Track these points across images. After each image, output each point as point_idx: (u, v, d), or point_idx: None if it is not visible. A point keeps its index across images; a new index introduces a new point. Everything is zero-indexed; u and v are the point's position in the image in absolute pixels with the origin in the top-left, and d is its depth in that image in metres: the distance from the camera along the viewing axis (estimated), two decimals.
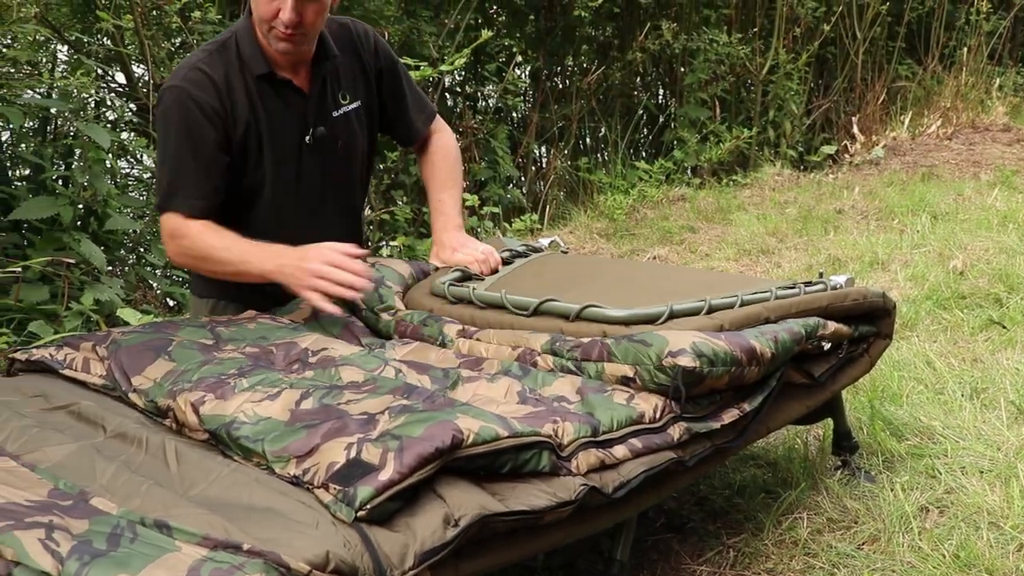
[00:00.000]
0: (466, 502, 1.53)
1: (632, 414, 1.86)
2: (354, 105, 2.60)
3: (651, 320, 2.10)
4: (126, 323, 3.49)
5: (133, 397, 1.94)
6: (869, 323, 2.45)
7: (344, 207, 2.70)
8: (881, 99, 8.22)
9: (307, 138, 2.52)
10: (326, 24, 2.47)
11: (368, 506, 1.46)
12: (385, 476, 1.49)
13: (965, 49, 8.51)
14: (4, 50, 4.19)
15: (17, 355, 2.22)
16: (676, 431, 1.89)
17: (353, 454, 1.55)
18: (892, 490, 2.45)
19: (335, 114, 2.56)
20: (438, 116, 2.85)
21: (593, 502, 1.73)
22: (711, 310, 2.14)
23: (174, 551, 1.36)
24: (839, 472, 2.57)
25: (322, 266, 2.25)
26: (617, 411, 1.85)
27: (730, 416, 2.01)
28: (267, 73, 2.45)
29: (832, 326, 2.27)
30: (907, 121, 7.94)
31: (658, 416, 1.89)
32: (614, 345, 1.98)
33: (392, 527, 1.48)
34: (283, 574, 1.33)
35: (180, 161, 2.43)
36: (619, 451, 1.80)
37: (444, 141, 2.83)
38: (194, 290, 2.77)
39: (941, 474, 2.52)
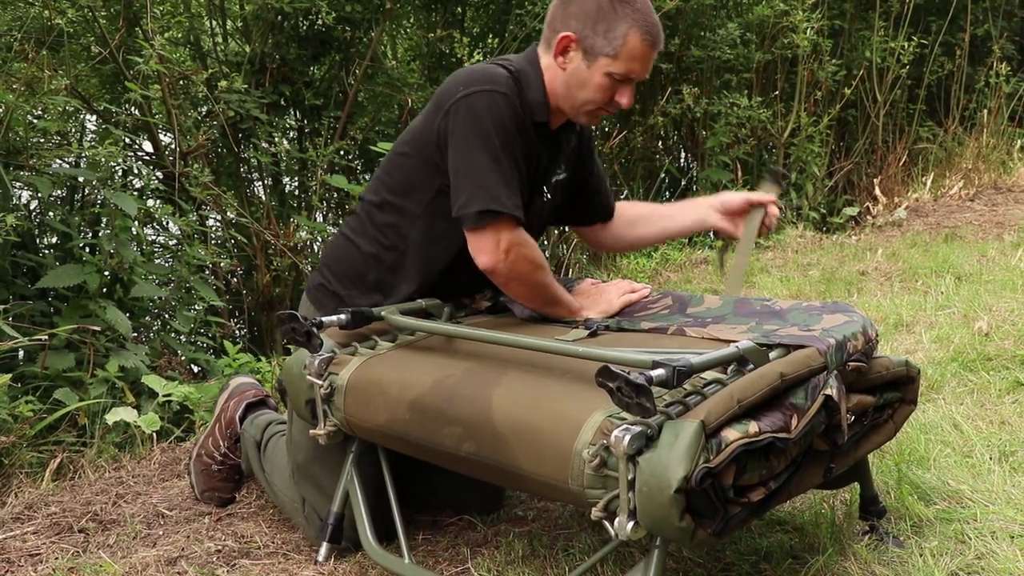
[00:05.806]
0: None
1: None
2: (564, 175, 2.72)
3: None
4: (151, 390, 3.51)
5: None
6: (893, 389, 2.43)
7: None
8: (902, 161, 8.23)
9: (549, 184, 2.65)
10: None
11: None
12: None
13: (985, 111, 8.53)
14: (35, 121, 4.27)
15: None
16: None
17: None
18: (921, 556, 2.41)
19: (554, 180, 2.68)
20: None
21: None
22: None
23: None
24: (867, 537, 2.54)
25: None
26: None
27: (757, 495, 1.99)
28: (545, 123, 2.50)
29: (854, 398, 2.25)
30: (929, 182, 7.94)
31: None
32: None
33: None
34: None
35: (502, 163, 2.31)
36: None
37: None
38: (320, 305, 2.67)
39: (971, 539, 2.49)
